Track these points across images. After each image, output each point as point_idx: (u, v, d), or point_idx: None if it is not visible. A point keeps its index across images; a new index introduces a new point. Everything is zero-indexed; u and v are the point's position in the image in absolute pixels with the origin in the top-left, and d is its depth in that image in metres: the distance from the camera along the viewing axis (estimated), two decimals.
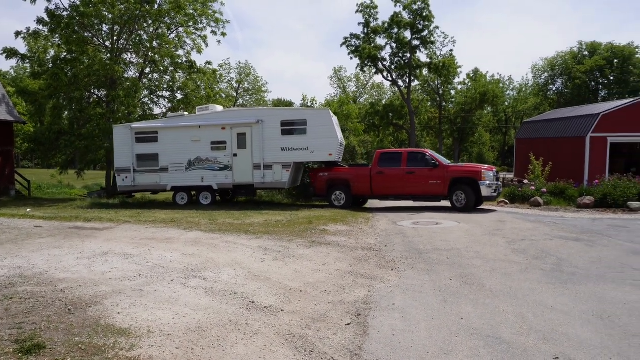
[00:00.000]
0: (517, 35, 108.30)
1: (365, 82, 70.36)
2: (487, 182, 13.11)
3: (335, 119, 15.09)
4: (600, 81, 47.89)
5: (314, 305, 5.02)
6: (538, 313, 4.64)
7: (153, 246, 8.23)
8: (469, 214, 12.62)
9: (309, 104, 37.16)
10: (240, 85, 64.66)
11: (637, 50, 46.10)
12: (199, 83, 22.94)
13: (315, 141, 14.23)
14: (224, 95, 24.43)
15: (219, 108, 16.48)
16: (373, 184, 14.24)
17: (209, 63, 23.51)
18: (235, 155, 14.92)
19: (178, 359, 3.63)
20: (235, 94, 60.17)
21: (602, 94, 47.54)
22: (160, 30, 21.75)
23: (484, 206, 14.32)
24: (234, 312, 4.76)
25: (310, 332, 4.23)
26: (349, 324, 4.42)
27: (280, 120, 14.54)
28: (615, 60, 45.98)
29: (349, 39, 42.20)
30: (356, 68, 47.20)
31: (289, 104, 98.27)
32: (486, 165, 14.09)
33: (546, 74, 52.20)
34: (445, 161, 14.23)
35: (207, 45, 22.77)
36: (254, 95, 67.16)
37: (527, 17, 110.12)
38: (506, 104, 56.77)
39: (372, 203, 16.17)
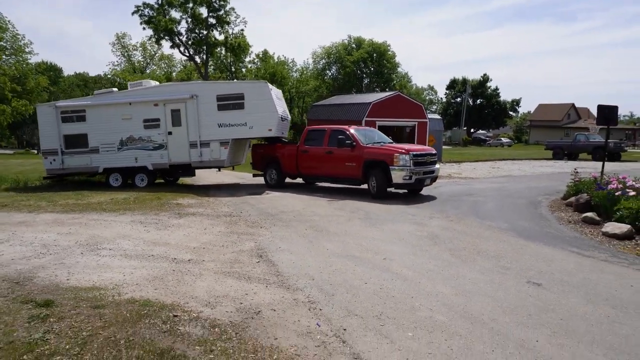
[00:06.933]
0: (298, 22, 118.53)
1: (154, 53, 67.02)
2: (401, 167, 11.44)
3: (276, 91, 14.72)
4: (365, 71, 58.11)
5: (222, 255, 6.78)
6: (367, 241, 7.53)
7: (14, 230, 8.25)
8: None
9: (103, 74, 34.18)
10: None
11: (389, 47, 57.51)
12: None
13: (253, 116, 13.79)
14: None
15: (153, 83, 15.36)
16: (299, 163, 13.82)
17: None
18: (170, 133, 14.31)
19: (163, 294, 5.06)
20: None
21: (366, 82, 57.87)
22: None
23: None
24: (169, 266, 6.17)
25: (237, 269, 6.08)
26: (258, 262, 6.42)
27: (216, 94, 14.00)
28: (375, 55, 56.46)
29: (141, 8, 40.30)
30: (149, 38, 45.31)
31: (59, 70, 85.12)
32: (406, 147, 12.17)
33: (323, 61, 60.07)
34: (372, 139, 13.00)
35: None
36: (13, 57, 56.55)
37: (307, 6, 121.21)
38: (290, 84, 63.03)
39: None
